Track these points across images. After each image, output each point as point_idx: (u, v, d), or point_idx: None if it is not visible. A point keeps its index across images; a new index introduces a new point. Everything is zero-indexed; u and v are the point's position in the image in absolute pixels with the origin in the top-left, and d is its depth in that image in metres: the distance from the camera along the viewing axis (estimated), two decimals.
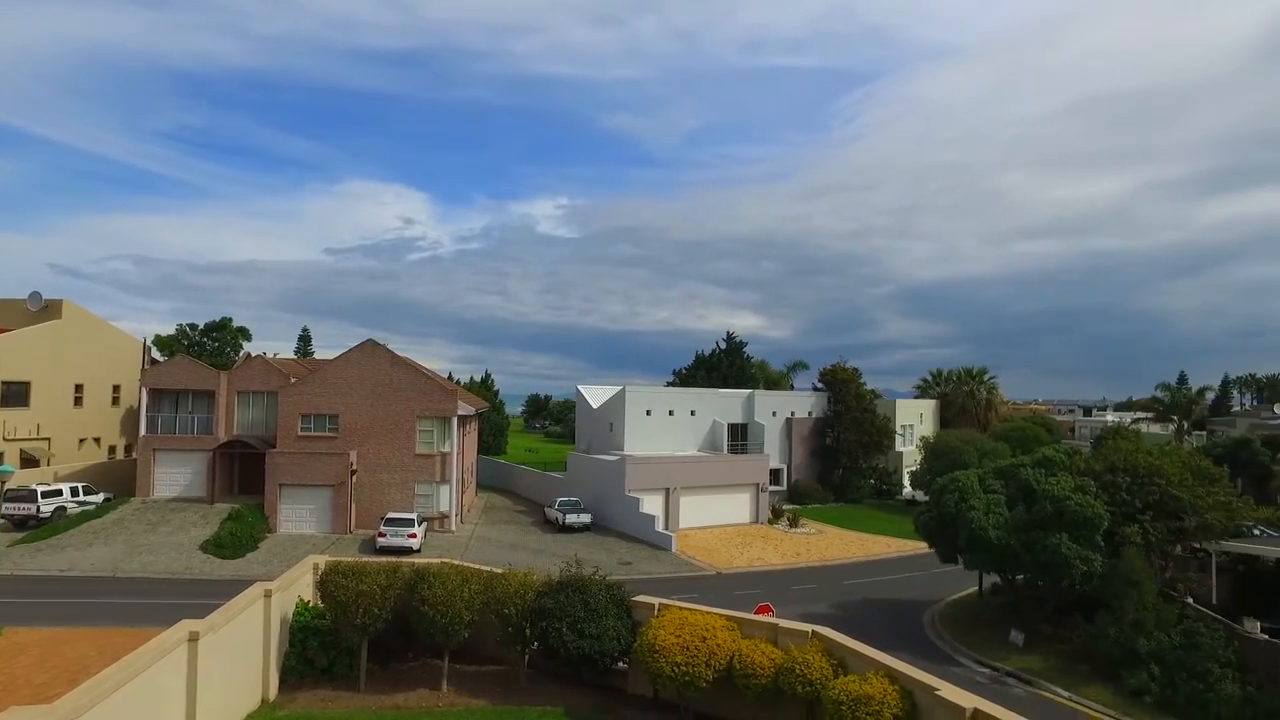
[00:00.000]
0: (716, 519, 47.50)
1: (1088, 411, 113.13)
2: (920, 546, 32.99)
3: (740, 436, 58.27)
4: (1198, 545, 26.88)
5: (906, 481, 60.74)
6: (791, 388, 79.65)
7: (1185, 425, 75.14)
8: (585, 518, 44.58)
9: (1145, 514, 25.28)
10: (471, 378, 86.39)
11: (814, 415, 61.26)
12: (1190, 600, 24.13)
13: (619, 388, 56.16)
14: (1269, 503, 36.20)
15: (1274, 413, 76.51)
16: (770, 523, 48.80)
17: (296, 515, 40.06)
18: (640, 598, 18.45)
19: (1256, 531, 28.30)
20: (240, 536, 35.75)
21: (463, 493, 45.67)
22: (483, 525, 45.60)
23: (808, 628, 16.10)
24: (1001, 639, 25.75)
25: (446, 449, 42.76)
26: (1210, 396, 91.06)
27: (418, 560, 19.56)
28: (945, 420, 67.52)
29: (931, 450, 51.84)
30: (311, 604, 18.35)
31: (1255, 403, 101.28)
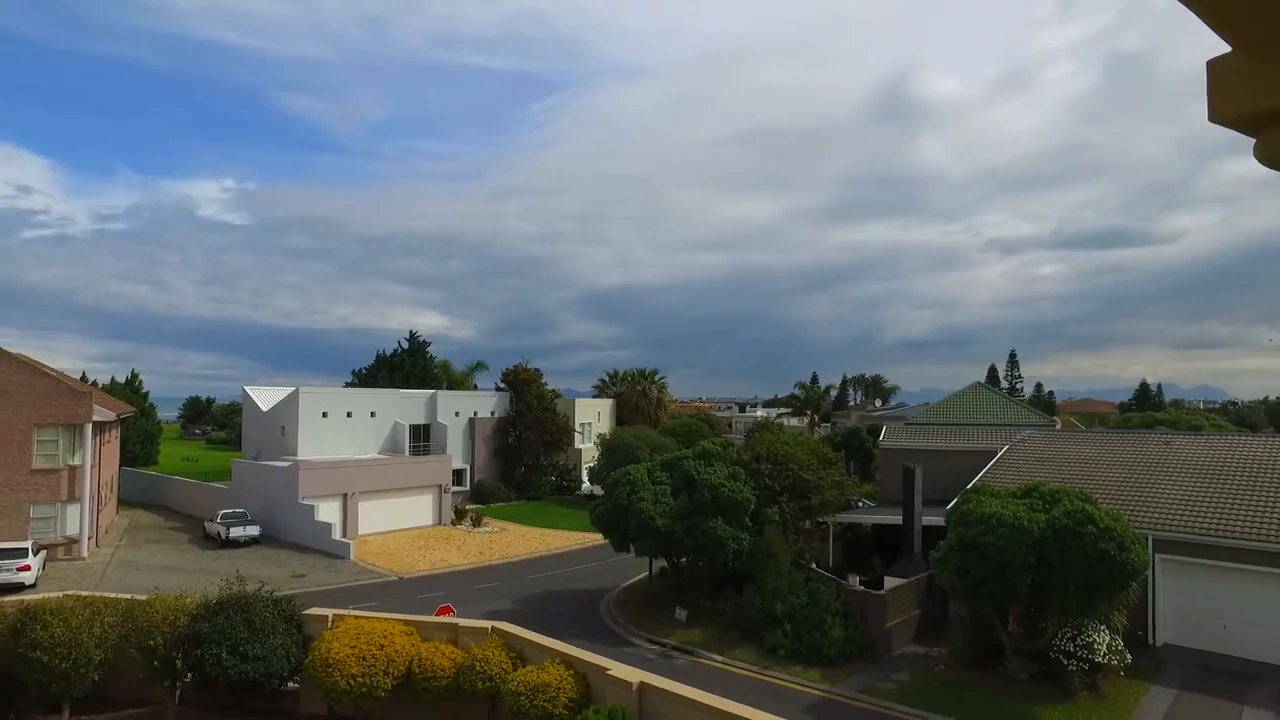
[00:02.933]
0: (398, 523, 46.14)
1: (743, 408, 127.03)
2: (598, 538, 34.90)
3: (423, 438, 57.15)
4: (820, 519, 31.80)
5: (585, 477, 63.83)
6: (475, 388, 79.64)
7: (815, 418, 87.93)
8: (253, 530, 40.83)
9: (783, 495, 29.36)
10: (114, 378, 74.53)
11: (497, 415, 62.01)
12: (814, 565, 28.48)
13: (293, 388, 52.18)
14: (870, 480, 43.86)
15: (875, 406, 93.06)
16: (454, 524, 48.50)
17: None
18: (313, 610, 17.52)
19: (860, 504, 34.26)
20: None
21: (99, 512, 39.40)
22: (126, 548, 39.74)
23: (488, 624, 16.46)
24: (668, 617, 28.17)
25: (77, 462, 36.61)
26: (833, 394, 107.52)
27: (30, 598, 16.64)
28: (621, 418, 71.92)
29: (608, 447, 54.95)
30: None
31: (864, 398, 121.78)
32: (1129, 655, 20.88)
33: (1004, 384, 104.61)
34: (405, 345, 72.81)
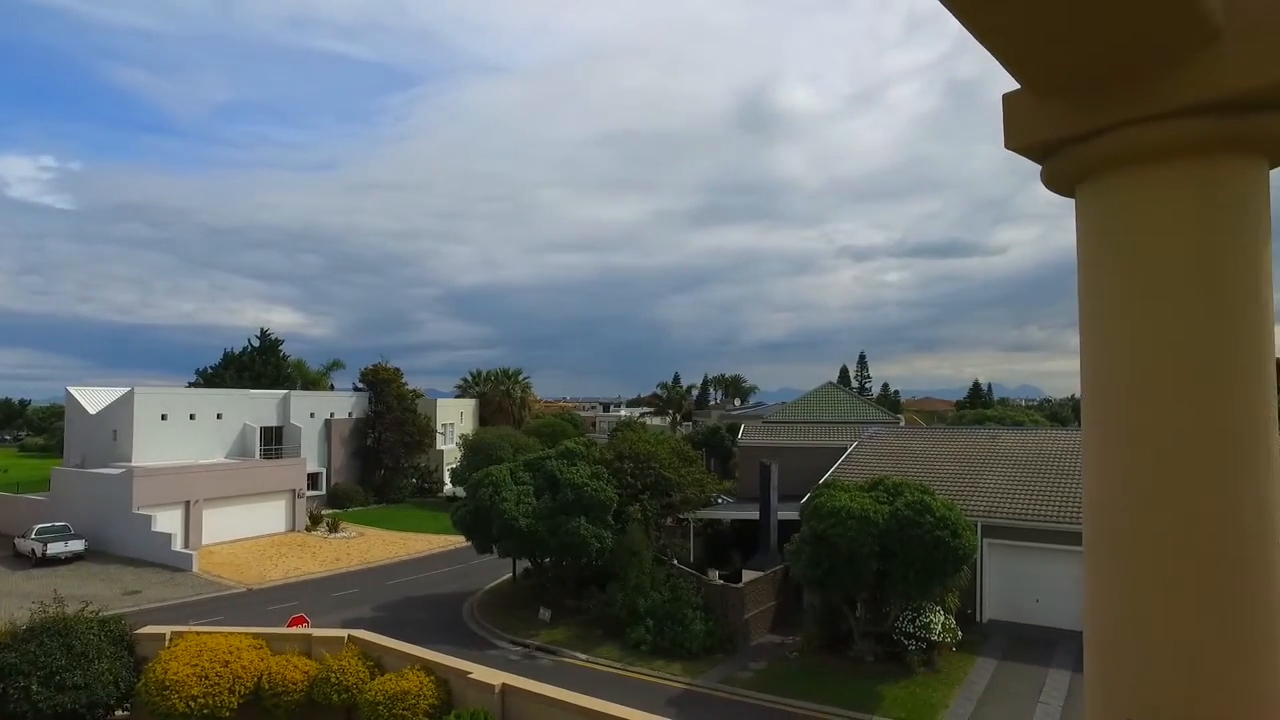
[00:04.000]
0: (248, 531, 43.61)
1: (607, 407, 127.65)
2: (460, 540, 34.35)
3: (275, 440, 54.28)
4: (682, 516, 32.57)
5: (447, 479, 62.54)
6: (331, 388, 76.34)
7: (677, 417, 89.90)
8: (76, 545, 37.40)
9: (645, 493, 29.89)
10: None
11: (355, 416, 59.86)
12: (675, 561, 29.14)
13: (127, 389, 48.22)
14: (730, 477, 45.31)
15: (735, 405, 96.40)
16: (309, 530, 46.36)
17: None
18: (147, 629, 16.33)
19: (720, 501, 35.34)
20: None
21: None
22: None
23: (344, 633, 15.88)
24: (532, 618, 28.06)
25: None
26: (695, 393, 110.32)
27: None
28: (484, 418, 70.91)
29: (470, 447, 54.12)
30: None
31: (724, 397, 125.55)
32: (960, 632, 22.75)
33: (854, 384, 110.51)
34: (256, 343, 68.91)
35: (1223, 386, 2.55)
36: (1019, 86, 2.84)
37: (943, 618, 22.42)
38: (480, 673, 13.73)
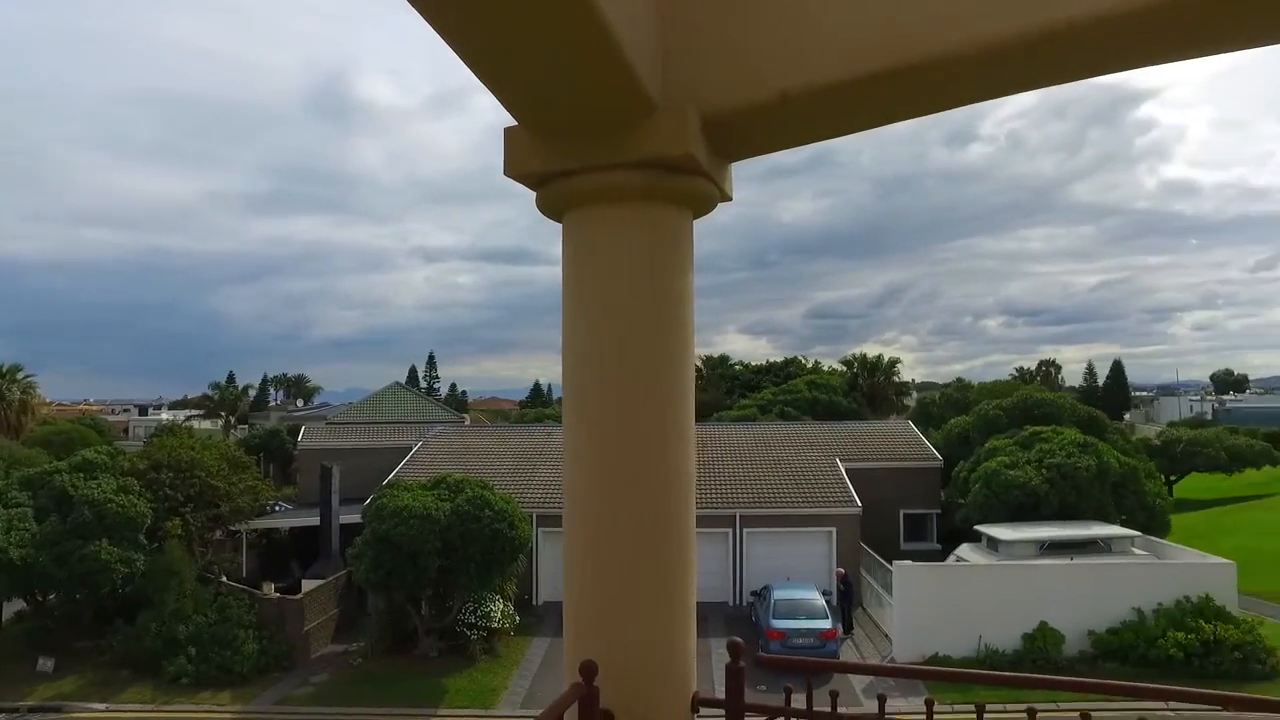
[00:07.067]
0: None
1: (144, 410, 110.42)
2: None
3: None
4: (233, 528, 29.81)
5: None
6: None
7: (232, 420, 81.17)
8: None
9: (187, 506, 26.75)
10: None
11: None
12: (225, 578, 26.57)
13: None
14: (290, 482, 42.38)
15: (298, 406, 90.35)
16: None
17: None
18: None
19: (278, 508, 33.03)
20: None
21: None
22: None
23: None
24: (30, 671, 23.29)
25: None
26: (253, 393, 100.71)
27: None
28: None
29: None
30: None
31: (286, 398, 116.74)
32: (518, 617, 24.62)
33: (423, 384, 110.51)
34: None
35: (660, 388, 3.32)
36: (516, 123, 3.39)
37: (502, 605, 24.00)
38: None
